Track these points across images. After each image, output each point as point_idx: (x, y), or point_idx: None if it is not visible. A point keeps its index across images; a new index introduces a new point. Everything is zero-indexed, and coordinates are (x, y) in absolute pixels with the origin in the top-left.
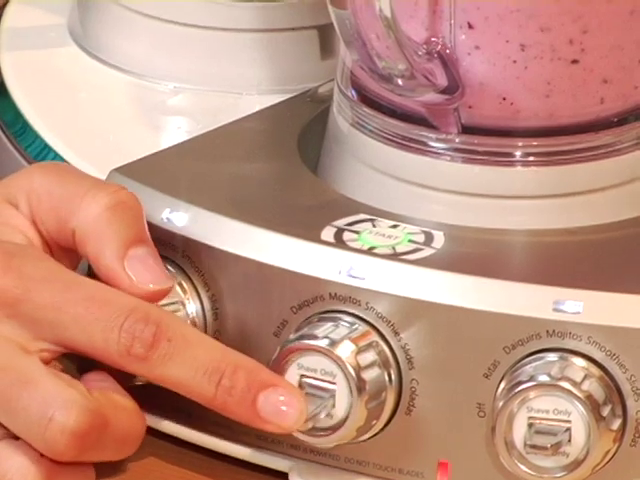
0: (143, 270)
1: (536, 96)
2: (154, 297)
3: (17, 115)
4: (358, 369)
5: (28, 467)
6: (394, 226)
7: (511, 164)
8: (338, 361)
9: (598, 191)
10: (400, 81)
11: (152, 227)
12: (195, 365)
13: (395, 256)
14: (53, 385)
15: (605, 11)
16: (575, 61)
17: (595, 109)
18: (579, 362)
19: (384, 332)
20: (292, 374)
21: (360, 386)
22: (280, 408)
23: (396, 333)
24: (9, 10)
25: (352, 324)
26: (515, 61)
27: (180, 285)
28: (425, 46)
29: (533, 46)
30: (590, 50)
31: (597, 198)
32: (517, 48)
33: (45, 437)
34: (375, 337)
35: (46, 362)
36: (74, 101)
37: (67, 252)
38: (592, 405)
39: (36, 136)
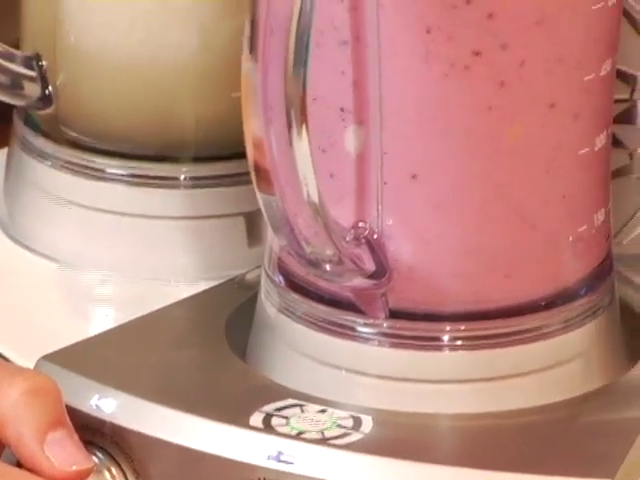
0: (63, 453)
1: (463, 281)
2: (76, 478)
3: None
4: None
5: None
6: (322, 411)
7: (439, 348)
8: None
9: (525, 375)
10: (328, 266)
11: (81, 414)
12: None
13: (323, 441)
14: None
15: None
16: (502, 248)
17: (523, 293)
18: None
19: None
20: None
21: None
22: None
23: None
24: None
25: None
26: (442, 248)
27: (109, 471)
28: (353, 231)
29: (460, 233)
30: (515, 236)
31: (524, 382)
32: (444, 235)
33: None
34: None
35: None
36: (2, 290)
37: None
38: None
39: None
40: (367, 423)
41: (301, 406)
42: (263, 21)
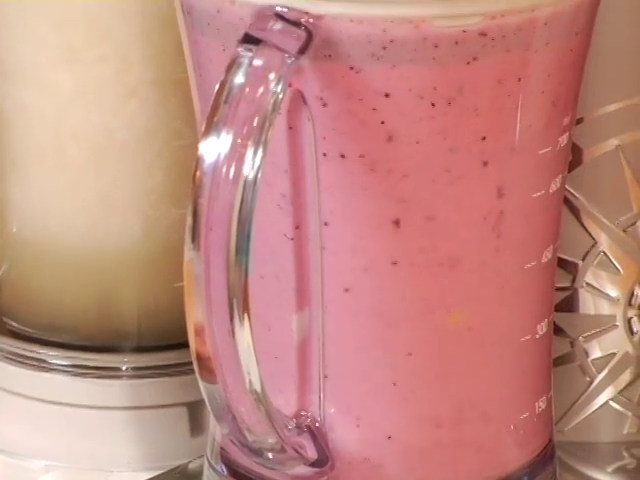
0: None
1: (404, 469)
2: None
3: None
4: None
5: None
6: None
7: None
8: None
9: None
10: (270, 455)
11: None
12: None
13: None
14: None
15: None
16: (444, 437)
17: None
18: None
19: None
20: None
21: None
22: None
23: None
24: None
25: None
26: (384, 437)
27: None
28: (295, 420)
29: (401, 424)
30: (456, 424)
31: None
32: (386, 425)
33: None
34: None
35: None
36: None
37: None
38: None
39: None
40: None
41: None
42: (205, 210)
